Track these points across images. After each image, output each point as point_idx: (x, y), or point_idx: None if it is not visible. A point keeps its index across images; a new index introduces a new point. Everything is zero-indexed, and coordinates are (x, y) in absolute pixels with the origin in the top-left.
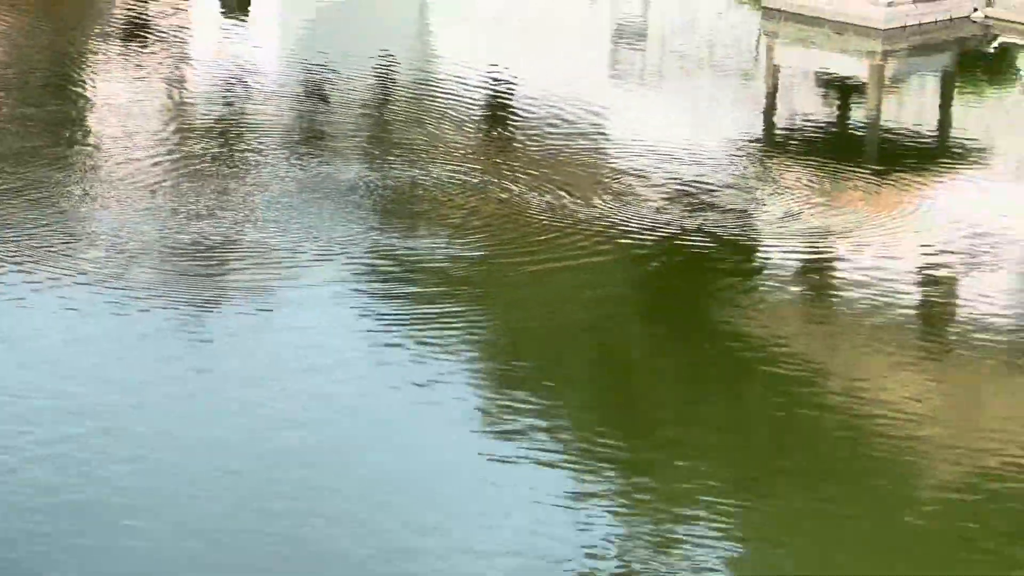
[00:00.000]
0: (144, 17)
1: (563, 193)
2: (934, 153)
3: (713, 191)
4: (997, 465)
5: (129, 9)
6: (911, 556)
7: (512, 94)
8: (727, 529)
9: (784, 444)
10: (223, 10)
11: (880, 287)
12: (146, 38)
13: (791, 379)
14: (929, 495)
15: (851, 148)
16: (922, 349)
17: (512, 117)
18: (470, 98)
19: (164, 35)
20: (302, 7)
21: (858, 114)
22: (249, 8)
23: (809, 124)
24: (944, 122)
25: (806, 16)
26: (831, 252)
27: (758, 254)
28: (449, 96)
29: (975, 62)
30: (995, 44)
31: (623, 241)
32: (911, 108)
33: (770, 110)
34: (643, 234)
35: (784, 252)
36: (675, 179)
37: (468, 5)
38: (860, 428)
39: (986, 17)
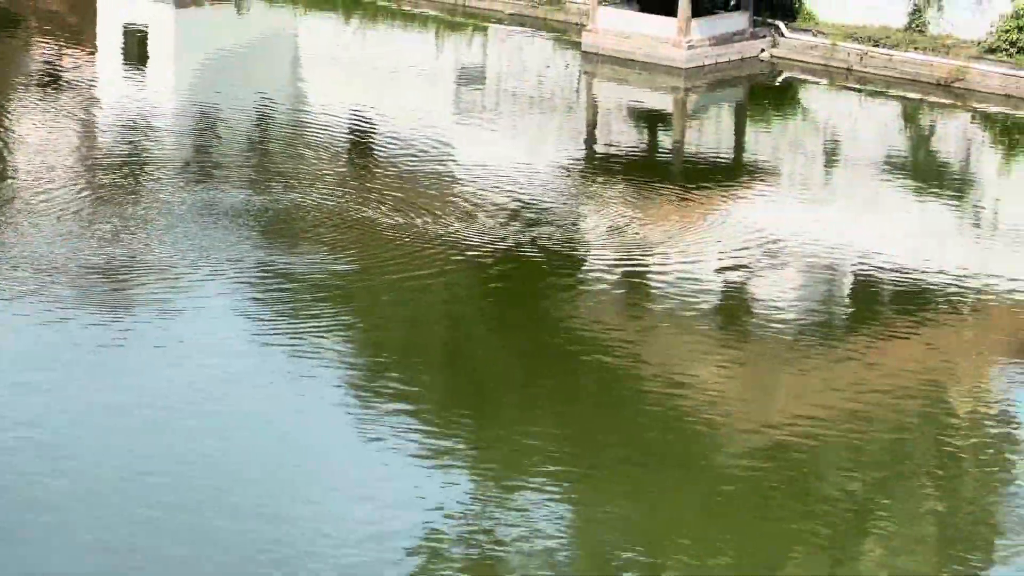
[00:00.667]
0: (56, 67)
1: (419, 214)
2: (731, 173)
3: (546, 209)
4: (788, 436)
5: (43, 61)
6: (722, 514)
7: (374, 128)
8: (561, 495)
9: (610, 423)
10: (125, 60)
11: (690, 288)
12: (58, 85)
13: (615, 368)
14: (734, 463)
15: (661, 170)
16: (725, 340)
17: (374, 148)
18: (338, 132)
19: (74, 82)
20: (193, 57)
21: (665, 141)
22: (148, 58)
23: (624, 150)
24: (738, 147)
25: (620, 58)
26: (648, 259)
27: (586, 263)
28: (320, 130)
29: (763, 95)
30: (780, 79)
31: (471, 255)
32: (710, 135)
33: (591, 138)
34: (488, 248)
35: (608, 261)
36: (514, 199)
37: (334, 53)
38: (674, 407)
39: (772, 56)
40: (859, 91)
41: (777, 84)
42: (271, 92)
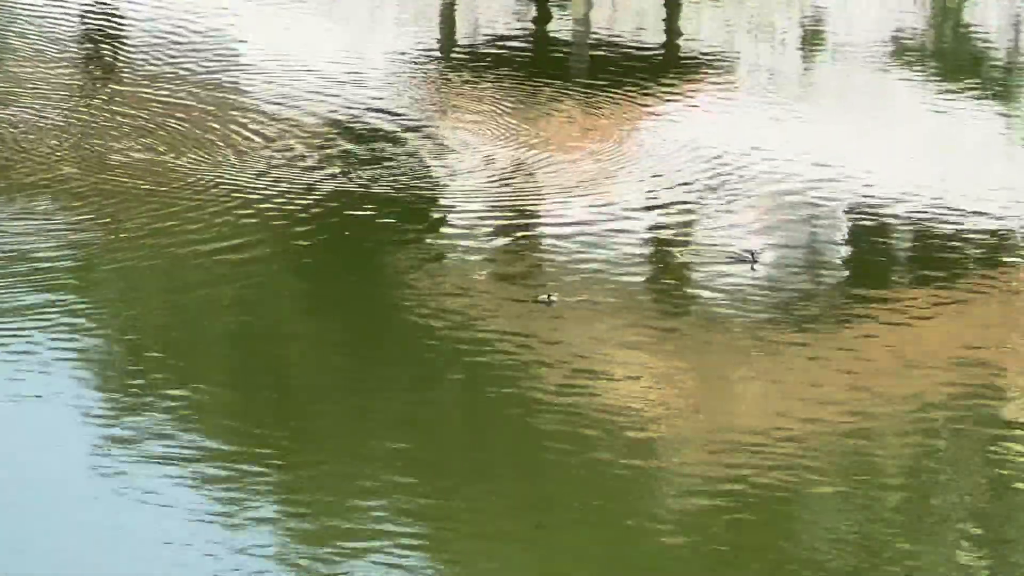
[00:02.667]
0: None
1: (196, 148)
2: (662, 69)
3: (386, 132)
4: (751, 463)
5: None
6: None
7: (124, 19)
8: (415, 554)
9: (485, 444)
10: None
11: (602, 245)
12: None
13: (495, 369)
14: (667, 508)
15: (555, 66)
16: (657, 322)
17: (126, 49)
18: (72, 24)
19: None
20: None
21: (563, 22)
22: None
23: (499, 37)
24: (671, 28)
25: None
26: (540, 205)
27: (446, 214)
28: (48, 22)
29: None
30: None
31: (273, 209)
32: (628, 11)
33: (448, 21)
34: (300, 200)
35: (479, 209)
36: (336, 119)
37: None
38: (582, 424)
39: None
40: None
41: None
42: None
